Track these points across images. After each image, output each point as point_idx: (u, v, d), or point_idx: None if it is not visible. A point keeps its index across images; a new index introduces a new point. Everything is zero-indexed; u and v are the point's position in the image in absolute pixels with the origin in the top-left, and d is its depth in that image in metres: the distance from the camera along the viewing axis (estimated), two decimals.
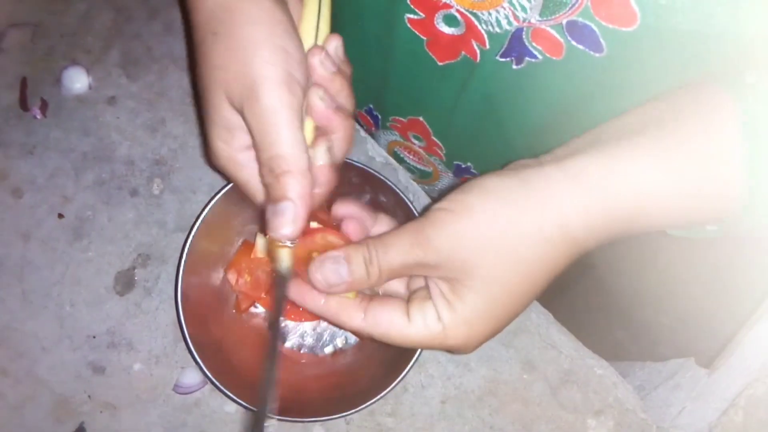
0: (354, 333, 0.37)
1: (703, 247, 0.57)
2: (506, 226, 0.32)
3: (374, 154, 0.54)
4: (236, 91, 0.33)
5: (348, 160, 0.45)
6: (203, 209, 0.44)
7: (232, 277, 0.48)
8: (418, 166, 0.61)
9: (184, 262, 0.43)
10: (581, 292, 0.76)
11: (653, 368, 0.59)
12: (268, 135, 0.33)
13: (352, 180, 0.47)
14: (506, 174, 0.33)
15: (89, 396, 0.48)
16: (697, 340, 0.65)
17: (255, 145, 0.34)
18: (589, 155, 0.32)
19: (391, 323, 0.34)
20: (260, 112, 0.33)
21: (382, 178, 0.45)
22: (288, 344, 0.49)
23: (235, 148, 0.36)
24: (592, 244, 0.33)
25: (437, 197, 0.66)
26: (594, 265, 0.73)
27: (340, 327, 0.36)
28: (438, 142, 0.54)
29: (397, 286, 0.38)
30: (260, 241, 0.48)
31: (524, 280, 0.33)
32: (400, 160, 0.61)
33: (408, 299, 0.35)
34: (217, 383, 0.41)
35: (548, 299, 0.52)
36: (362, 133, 0.54)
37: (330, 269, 0.34)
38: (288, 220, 0.33)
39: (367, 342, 0.49)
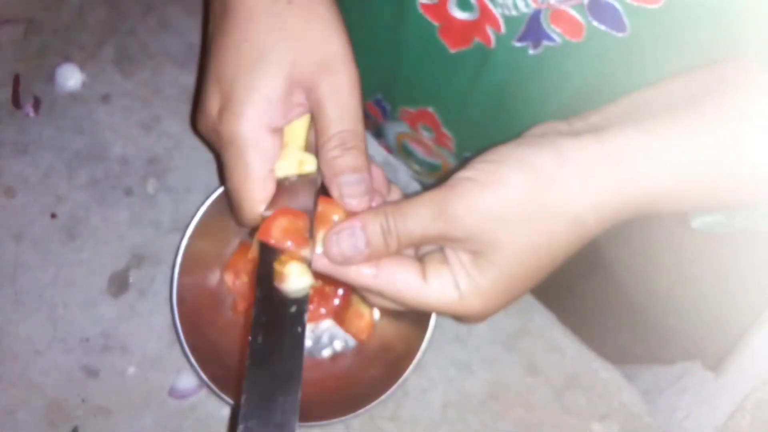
0: (362, 289, 0.35)
1: (711, 248, 0.56)
2: (539, 204, 0.31)
3: (374, 153, 0.53)
4: (312, 62, 0.33)
5: None
6: (199, 209, 0.44)
7: (228, 278, 0.47)
8: (427, 159, 0.60)
9: (180, 263, 0.42)
10: (586, 294, 0.75)
11: (659, 372, 0.58)
12: (345, 109, 0.34)
13: None
14: (541, 144, 0.32)
15: (83, 400, 0.47)
16: (703, 342, 0.65)
17: (323, 119, 0.34)
18: (627, 131, 0.31)
19: (406, 283, 0.33)
20: (340, 86, 0.34)
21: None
22: None
23: (264, 123, 0.34)
24: (618, 222, 0.32)
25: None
26: (599, 265, 0.73)
27: (347, 282, 0.34)
28: (448, 133, 0.53)
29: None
30: (257, 242, 0.47)
31: (547, 259, 0.32)
32: (409, 153, 0.60)
33: (421, 259, 0.34)
34: (214, 387, 0.41)
35: (552, 301, 0.51)
36: None
37: (347, 242, 0.33)
38: (362, 191, 0.34)
39: (367, 345, 0.48)
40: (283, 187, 0.35)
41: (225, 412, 0.47)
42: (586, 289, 0.76)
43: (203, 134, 0.37)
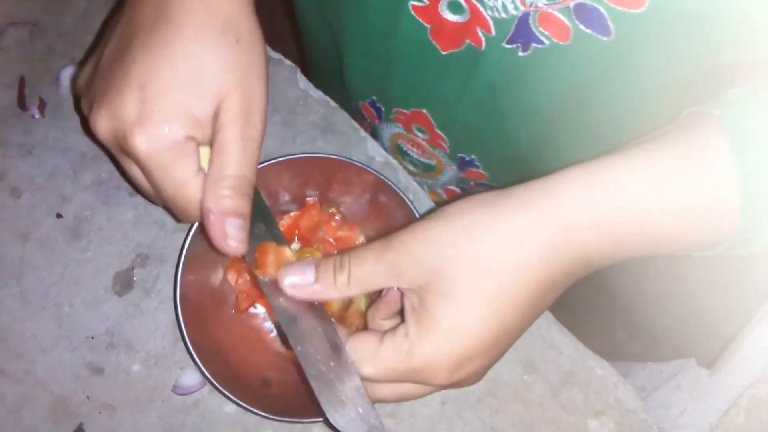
0: None
1: None
2: (484, 232, 0.30)
3: (374, 154, 0.54)
4: (239, 104, 0.34)
5: (348, 160, 0.45)
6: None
7: (231, 276, 0.47)
8: (422, 159, 0.60)
9: (183, 262, 0.43)
10: (583, 293, 0.76)
11: (654, 369, 0.59)
12: (250, 158, 0.34)
13: (352, 180, 0.47)
14: (491, 191, 0.32)
15: (88, 397, 0.47)
16: (698, 340, 0.65)
17: (226, 157, 0.34)
18: (571, 170, 0.31)
19: (364, 348, 0.33)
20: (252, 136, 0.34)
21: (382, 177, 0.45)
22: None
23: (189, 137, 0.34)
24: (576, 249, 0.30)
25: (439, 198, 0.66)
26: None
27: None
28: (442, 134, 0.54)
29: (389, 324, 0.36)
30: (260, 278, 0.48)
31: (492, 284, 0.30)
32: (404, 154, 0.61)
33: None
34: (217, 384, 0.41)
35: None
36: (362, 132, 0.54)
37: (296, 269, 0.34)
38: (244, 237, 0.35)
39: None
40: None
41: (228, 408, 0.48)
42: (583, 288, 0.76)
43: (102, 133, 0.35)
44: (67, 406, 0.47)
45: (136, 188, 0.38)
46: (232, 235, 0.35)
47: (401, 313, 0.34)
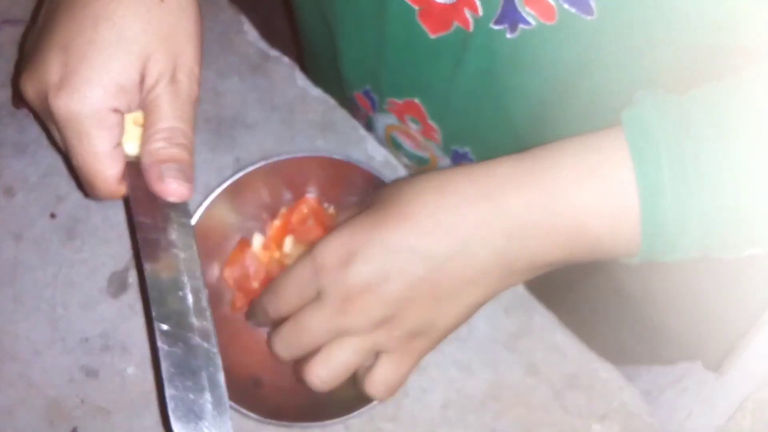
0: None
1: None
2: (415, 180, 0.36)
3: (374, 153, 0.53)
4: (165, 63, 0.34)
5: (348, 160, 0.45)
6: (198, 209, 0.44)
7: (228, 274, 0.47)
8: (416, 152, 0.60)
9: None
10: (586, 294, 0.75)
11: (660, 372, 0.58)
12: (183, 111, 0.35)
13: (353, 180, 0.46)
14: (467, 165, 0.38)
15: (82, 400, 0.47)
16: (704, 343, 0.65)
17: (157, 113, 0.35)
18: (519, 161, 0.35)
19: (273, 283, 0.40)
20: (182, 91, 0.35)
21: (382, 178, 0.44)
22: None
23: (109, 105, 0.34)
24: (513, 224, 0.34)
25: None
26: (599, 265, 0.72)
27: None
28: (434, 125, 0.54)
29: None
30: (257, 240, 0.47)
31: (409, 194, 0.35)
32: (398, 146, 0.61)
33: None
34: None
35: (552, 301, 0.51)
36: (362, 131, 0.54)
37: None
38: (184, 176, 0.36)
39: None
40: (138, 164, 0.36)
41: None
42: (587, 289, 0.76)
43: (29, 95, 0.35)
44: (62, 410, 0.46)
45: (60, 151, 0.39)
46: (169, 175, 0.35)
47: None
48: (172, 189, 0.35)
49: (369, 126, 0.62)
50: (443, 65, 0.46)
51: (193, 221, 0.43)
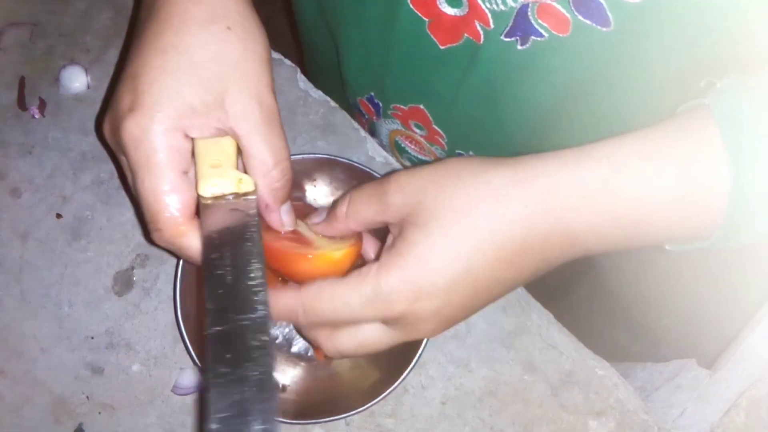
0: (296, 325, 0.37)
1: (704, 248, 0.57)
2: (466, 175, 0.32)
3: (374, 154, 0.54)
4: (244, 93, 0.34)
5: (348, 161, 0.45)
6: None
7: None
8: (419, 156, 0.60)
9: (183, 261, 0.43)
10: (583, 293, 0.76)
11: (655, 369, 0.59)
12: (282, 141, 0.35)
13: (353, 181, 0.47)
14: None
15: (88, 397, 0.47)
16: (698, 340, 0.65)
17: (263, 147, 0.34)
18: (567, 149, 0.32)
19: (320, 286, 0.32)
20: (271, 119, 0.35)
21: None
22: (294, 349, 0.48)
23: (180, 127, 0.33)
24: (558, 217, 0.31)
25: None
26: (595, 265, 0.73)
27: (279, 318, 0.35)
28: (439, 130, 0.54)
29: None
30: None
31: (467, 226, 0.31)
32: (402, 150, 0.61)
33: None
34: None
35: (549, 300, 0.51)
36: (362, 132, 0.54)
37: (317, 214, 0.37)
38: (294, 217, 0.38)
39: None
40: (219, 206, 0.34)
41: None
42: (583, 288, 0.76)
43: (107, 133, 0.35)
44: (67, 406, 0.47)
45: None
46: (286, 221, 0.37)
47: None
48: (290, 221, 0.37)
49: (372, 131, 0.62)
50: (451, 74, 0.46)
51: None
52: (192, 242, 0.34)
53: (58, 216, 0.50)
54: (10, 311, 0.48)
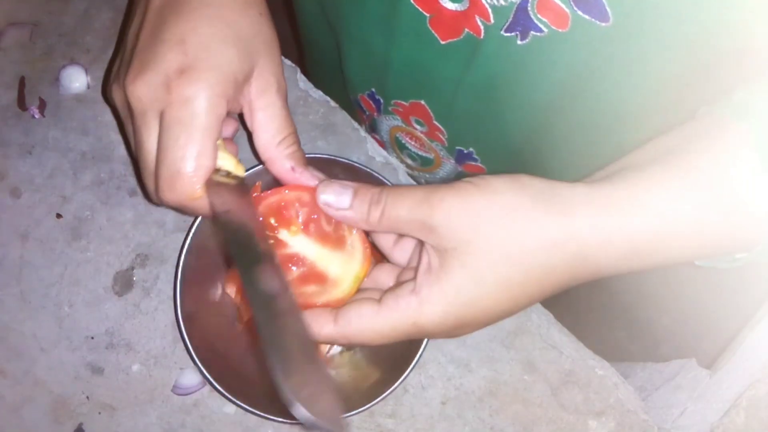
0: (333, 344, 0.36)
1: None
2: (521, 217, 0.31)
3: (374, 154, 0.54)
4: (271, 72, 0.37)
5: (348, 161, 0.45)
6: (195, 219, 0.44)
7: (231, 289, 0.47)
8: (420, 153, 0.60)
9: (183, 262, 0.43)
10: (582, 293, 0.75)
11: (654, 369, 0.59)
12: (290, 117, 0.38)
13: (352, 180, 0.46)
14: (539, 178, 0.33)
15: (88, 397, 0.47)
16: (698, 340, 0.65)
17: (276, 119, 0.37)
18: (612, 182, 0.32)
19: (360, 316, 0.33)
20: (283, 100, 0.38)
21: (381, 178, 0.45)
22: None
23: (226, 97, 0.35)
24: (605, 265, 0.32)
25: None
26: None
27: (319, 341, 0.35)
28: (440, 126, 0.54)
29: (386, 278, 0.37)
30: None
31: (519, 275, 0.31)
32: (402, 146, 0.61)
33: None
34: (216, 384, 0.41)
35: (549, 300, 0.51)
36: (362, 132, 0.54)
37: (335, 190, 0.35)
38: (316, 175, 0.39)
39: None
40: (215, 181, 0.35)
41: (228, 408, 0.48)
42: (583, 288, 0.76)
43: (140, 95, 0.34)
44: (67, 406, 0.47)
45: (139, 179, 0.39)
46: (319, 175, 0.38)
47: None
48: (321, 175, 0.38)
49: (373, 128, 0.62)
50: (452, 69, 0.46)
51: (197, 222, 0.43)
52: (203, 203, 0.35)
53: (58, 216, 0.50)
54: (10, 311, 0.48)
